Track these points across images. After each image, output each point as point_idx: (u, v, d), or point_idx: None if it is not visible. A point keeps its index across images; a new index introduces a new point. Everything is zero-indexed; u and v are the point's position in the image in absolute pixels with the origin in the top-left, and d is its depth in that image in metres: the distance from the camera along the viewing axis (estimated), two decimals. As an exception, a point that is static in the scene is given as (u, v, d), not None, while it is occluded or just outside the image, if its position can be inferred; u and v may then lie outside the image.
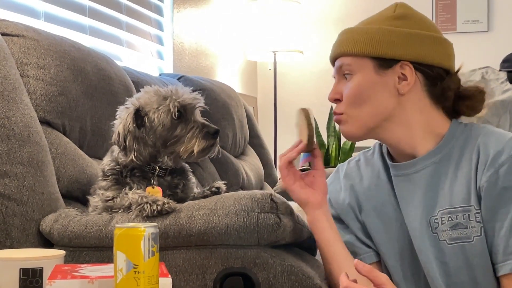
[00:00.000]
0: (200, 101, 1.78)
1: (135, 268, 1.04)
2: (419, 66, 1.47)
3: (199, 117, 1.76)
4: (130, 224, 1.09)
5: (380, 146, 1.66)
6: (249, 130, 3.58)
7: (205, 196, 1.70)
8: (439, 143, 1.49)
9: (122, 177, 1.73)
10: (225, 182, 1.77)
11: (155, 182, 1.72)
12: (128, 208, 1.64)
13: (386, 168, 1.59)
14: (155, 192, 1.70)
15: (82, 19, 2.80)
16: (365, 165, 1.64)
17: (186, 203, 1.65)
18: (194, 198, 1.73)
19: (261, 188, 3.49)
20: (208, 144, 1.72)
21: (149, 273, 1.05)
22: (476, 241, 1.43)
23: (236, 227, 1.54)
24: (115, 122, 1.76)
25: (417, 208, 1.50)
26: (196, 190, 1.79)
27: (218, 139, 1.74)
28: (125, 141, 1.70)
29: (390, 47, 1.46)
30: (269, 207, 1.55)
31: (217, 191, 1.71)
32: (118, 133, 1.72)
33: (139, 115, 1.72)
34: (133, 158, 1.70)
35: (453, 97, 1.51)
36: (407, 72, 1.47)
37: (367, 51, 1.47)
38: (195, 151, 1.70)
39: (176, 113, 1.70)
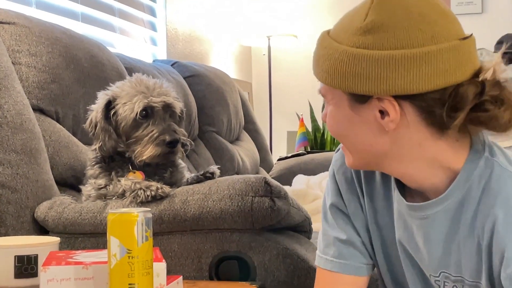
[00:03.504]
0: (173, 105, 1.73)
1: (129, 253, 1.04)
2: (403, 98, 1.09)
3: (167, 121, 1.70)
4: (123, 210, 1.09)
5: None
6: (244, 115, 3.58)
7: (199, 181, 1.69)
8: (449, 187, 1.14)
9: (105, 163, 1.73)
10: (219, 166, 1.77)
11: (136, 167, 1.71)
12: (122, 195, 1.64)
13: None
14: (137, 176, 1.70)
15: (74, 5, 2.78)
16: None
17: (180, 188, 1.65)
18: (188, 183, 1.73)
19: (257, 173, 3.49)
20: (161, 152, 1.67)
21: (143, 258, 1.05)
22: None
23: (231, 211, 1.55)
24: (92, 106, 1.76)
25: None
26: (189, 174, 1.79)
27: (176, 148, 1.68)
28: (94, 129, 1.71)
29: (357, 81, 1.08)
30: (263, 191, 1.55)
31: (211, 176, 1.70)
32: (91, 119, 1.73)
33: (110, 106, 1.71)
34: (97, 147, 1.70)
35: (468, 111, 1.08)
36: (387, 107, 1.09)
37: (333, 84, 1.12)
38: (144, 157, 1.67)
39: (142, 113, 1.67)
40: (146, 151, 1.66)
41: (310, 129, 4.24)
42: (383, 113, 1.10)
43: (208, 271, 1.59)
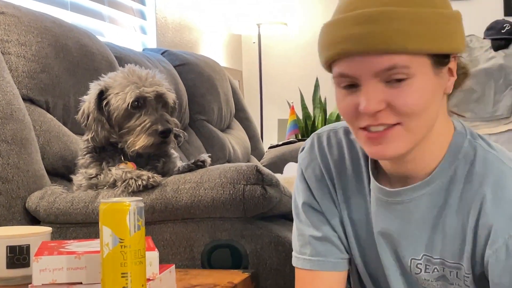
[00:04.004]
0: (165, 95, 1.73)
1: (121, 242, 1.04)
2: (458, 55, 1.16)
3: (160, 111, 1.71)
4: (115, 199, 1.09)
5: None
6: (234, 103, 3.57)
7: (190, 170, 1.70)
8: (436, 169, 1.17)
9: (96, 153, 1.73)
10: (210, 155, 1.77)
11: (128, 158, 1.71)
12: (113, 185, 1.64)
13: (368, 174, 1.27)
14: (128, 167, 1.69)
15: (63, -6, 2.77)
16: (348, 153, 1.30)
17: (171, 177, 1.65)
18: (179, 172, 1.73)
19: (248, 161, 3.49)
20: (154, 141, 1.67)
21: (136, 247, 1.05)
22: None
23: (223, 199, 1.55)
24: (84, 97, 1.76)
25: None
26: (180, 163, 1.79)
27: (169, 138, 1.69)
28: (87, 119, 1.70)
29: (450, 38, 1.11)
30: (254, 179, 1.55)
31: (202, 165, 1.70)
32: (83, 110, 1.72)
33: (102, 97, 1.71)
34: (89, 138, 1.70)
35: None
36: (453, 66, 1.14)
37: (428, 48, 1.09)
38: (137, 147, 1.67)
39: (134, 103, 1.67)
40: (139, 141, 1.66)
41: (300, 117, 4.24)
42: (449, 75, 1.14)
43: (201, 260, 1.59)
